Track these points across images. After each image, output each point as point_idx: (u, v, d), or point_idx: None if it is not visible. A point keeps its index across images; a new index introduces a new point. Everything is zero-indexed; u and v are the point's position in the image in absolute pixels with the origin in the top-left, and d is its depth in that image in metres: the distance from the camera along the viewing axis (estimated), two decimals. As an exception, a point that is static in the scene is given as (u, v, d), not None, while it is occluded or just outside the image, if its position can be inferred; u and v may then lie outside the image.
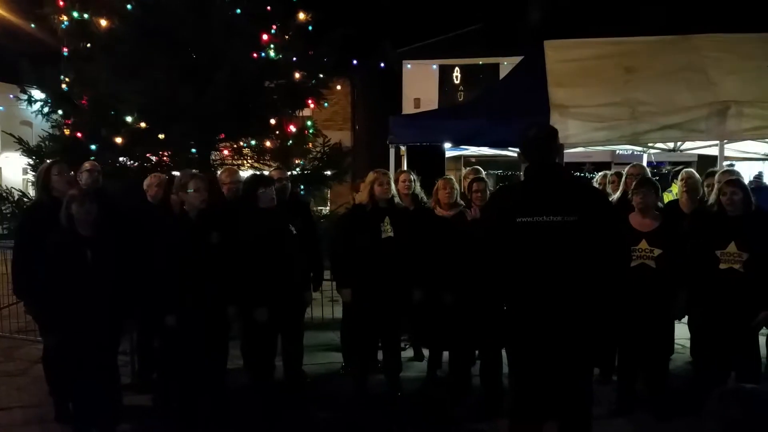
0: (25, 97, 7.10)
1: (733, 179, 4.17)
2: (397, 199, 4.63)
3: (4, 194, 6.79)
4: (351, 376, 4.77)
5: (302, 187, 7.15)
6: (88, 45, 6.86)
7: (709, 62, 6.34)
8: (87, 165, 4.70)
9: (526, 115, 5.69)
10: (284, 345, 4.60)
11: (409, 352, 5.51)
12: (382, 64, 16.05)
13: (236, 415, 4.28)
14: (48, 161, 4.70)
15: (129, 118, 6.46)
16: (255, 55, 7.03)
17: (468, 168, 5.77)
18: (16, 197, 6.78)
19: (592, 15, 14.64)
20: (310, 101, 7.77)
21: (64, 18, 6.88)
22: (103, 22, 6.70)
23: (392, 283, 4.39)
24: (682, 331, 4.65)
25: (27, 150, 6.90)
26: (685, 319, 4.54)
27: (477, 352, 4.63)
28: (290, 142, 7.39)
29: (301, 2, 7.67)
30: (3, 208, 6.67)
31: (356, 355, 4.73)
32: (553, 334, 2.86)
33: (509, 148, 7.55)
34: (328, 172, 7.83)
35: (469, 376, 4.63)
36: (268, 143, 7.28)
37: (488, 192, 4.53)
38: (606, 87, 6.22)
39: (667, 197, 6.36)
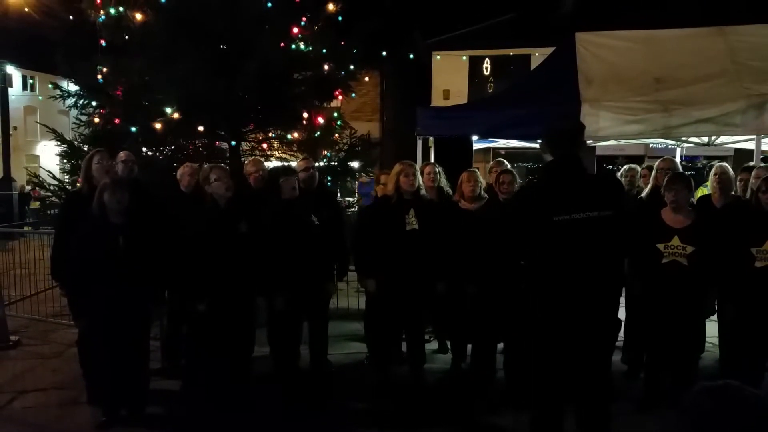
0: (62, 91, 7.29)
1: None
2: (423, 191, 4.61)
3: (41, 180, 7.02)
4: (374, 366, 4.81)
5: (329, 178, 7.19)
6: (126, 37, 6.99)
7: (744, 54, 6.15)
8: (122, 155, 4.78)
9: (557, 107, 5.62)
10: (309, 333, 4.65)
11: (434, 345, 5.53)
12: (412, 56, 15.97)
13: (261, 402, 4.35)
14: (92, 150, 4.82)
15: (162, 109, 6.58)
16: (284, 46, 7.08)
17: (493, 161, 5.72)
18: (52, 186, 6.99)
19: (624, 3, 14.35)
20: (337, 93, 7.80)
21: (101, 12, 7.02)
22: (138, 16, 6.82)
23: (416, 275, 4.39)
24: (713, 330, 4.55)
25: (60, 139, 7.08)
26: (715, 316, 4.43)
27: (501, 344, 4.62)
28: (317, 133, 7.44)
29: (331, -6, 7.68)
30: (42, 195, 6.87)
31: (379, 346, 4.76)
32: (588, 324, 2.89)
33: (539, 141, 7.46)
34: (356, 164, 7.86)
35: (493, 369, 4.62)
36: (295, 134, 7.34)
37: (515, 184, 4.49)
38: (637, 91, 6.09)
39: (702, 191, 6.20)
